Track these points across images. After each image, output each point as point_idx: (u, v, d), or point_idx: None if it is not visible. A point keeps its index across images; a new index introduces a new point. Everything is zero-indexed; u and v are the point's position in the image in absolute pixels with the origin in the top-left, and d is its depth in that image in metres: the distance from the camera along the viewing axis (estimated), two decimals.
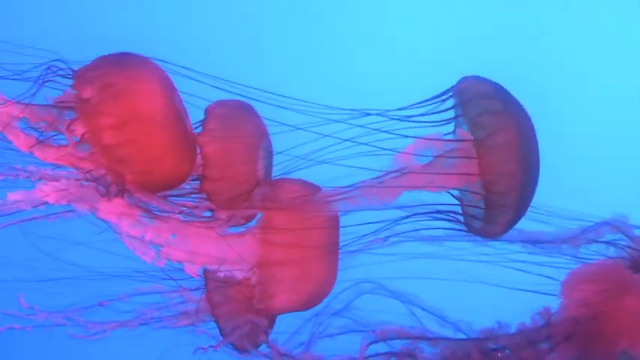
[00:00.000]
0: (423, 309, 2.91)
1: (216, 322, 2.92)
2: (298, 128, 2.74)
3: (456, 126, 2.78)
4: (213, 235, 2.78)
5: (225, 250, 2.79)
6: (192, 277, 2.80)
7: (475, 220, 2.76)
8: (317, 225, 2.79)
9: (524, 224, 2.82)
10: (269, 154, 2.90)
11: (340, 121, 2.74)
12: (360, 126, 2.72)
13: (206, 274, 2.87)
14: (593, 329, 2.78)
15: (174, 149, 2.68)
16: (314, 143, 2.73)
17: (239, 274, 2.81)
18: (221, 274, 2.81)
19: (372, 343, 2.85)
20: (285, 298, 2.83)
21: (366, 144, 2.72)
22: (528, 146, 2.69)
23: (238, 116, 2.86)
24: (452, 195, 2.82)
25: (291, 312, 2.89)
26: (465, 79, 2.76)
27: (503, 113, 2.64)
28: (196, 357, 2.87)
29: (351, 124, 2.74)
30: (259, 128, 2.88)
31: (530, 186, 2.71)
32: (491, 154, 2.63)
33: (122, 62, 2.70)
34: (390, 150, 2.73)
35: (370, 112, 2.75)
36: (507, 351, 2.82)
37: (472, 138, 2.66)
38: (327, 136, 2.72)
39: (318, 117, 2.73)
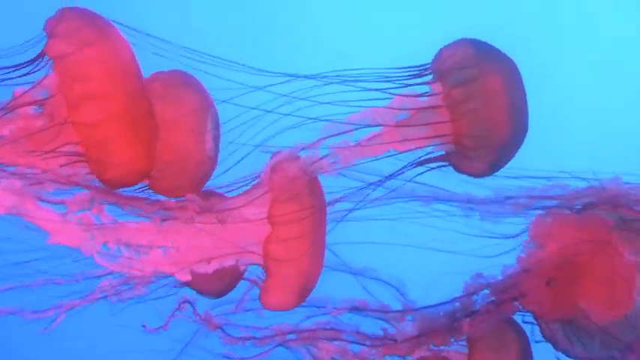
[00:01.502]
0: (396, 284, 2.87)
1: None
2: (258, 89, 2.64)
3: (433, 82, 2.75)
4: (197, 230, 2.65)
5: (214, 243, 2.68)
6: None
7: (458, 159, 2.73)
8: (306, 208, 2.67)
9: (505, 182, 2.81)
10: (216, 125, 2.74)
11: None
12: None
13: None
14: (563, 278, 2.77)
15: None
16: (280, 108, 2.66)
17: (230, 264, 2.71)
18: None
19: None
20: (282, 296, 2.74)
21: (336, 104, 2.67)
22: (515, 96, 2.69)
23: (180, 86, 2.69)
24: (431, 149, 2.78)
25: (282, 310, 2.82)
26: (443, 49, 2.74)
27: (479, 76, 2.64)
28: None
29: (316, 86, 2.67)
30: (204, 98, 2.71)
31: (516, 133, 2.71)
32: (467, 104, 2.63)
33: (95, 21, 2.48)
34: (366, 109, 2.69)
35: (343, 74, 2.69)
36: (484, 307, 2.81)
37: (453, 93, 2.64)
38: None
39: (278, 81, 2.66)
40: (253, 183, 2.75)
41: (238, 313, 3.02)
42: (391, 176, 2.76)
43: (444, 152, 2.75)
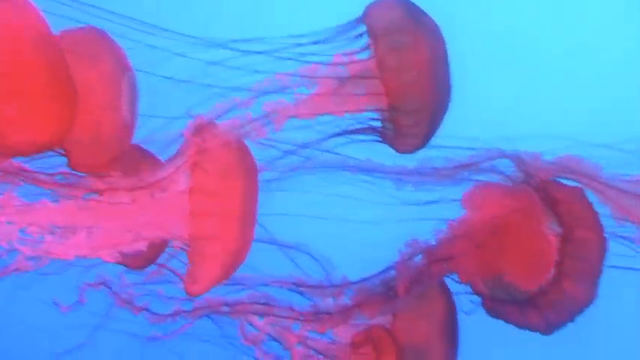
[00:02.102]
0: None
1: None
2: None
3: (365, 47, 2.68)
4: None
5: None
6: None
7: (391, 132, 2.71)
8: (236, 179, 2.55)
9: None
10: (133, 91, 2.55)
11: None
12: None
13: None
14: (490, 245, 2.79)
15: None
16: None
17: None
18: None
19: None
20: (207, 280, 2.59)
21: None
22: (439, 65, 2.65)
23: (93, 45, 2.48)
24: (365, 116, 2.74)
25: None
26: (370, 7, 2.67)
27: (412, 44, 2.59)
28: None
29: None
30: (119, 60, 2.52)
31: (441, 101, 2.69)
32: (401, 75, 2.58)
33: None
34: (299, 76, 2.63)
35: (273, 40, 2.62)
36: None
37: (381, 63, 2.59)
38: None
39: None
40: (176, 152, 2.59)
41: (161, 284, 2.94)
42: (318, 145, 2.69)
43: (376, 122, 2.72)
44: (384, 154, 2.81)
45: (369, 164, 2.85)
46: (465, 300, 2.94)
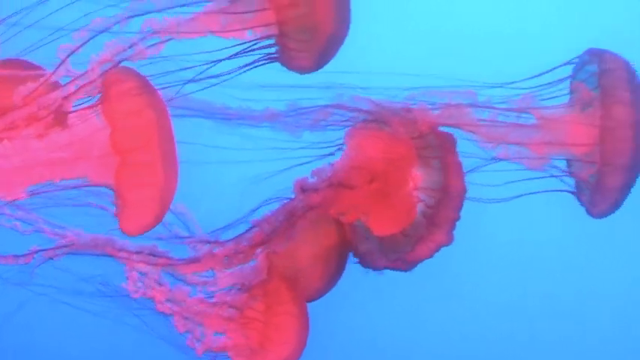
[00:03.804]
0: None
1: None
2: None
3: None
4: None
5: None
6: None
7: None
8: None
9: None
10: None
11: None
12: None
13: None
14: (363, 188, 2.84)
15: None
16: None
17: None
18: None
19: None
20: (141, 219, 2.63)
21: None
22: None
23: None
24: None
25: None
26: None
27: None
28: None
29: None
30: None
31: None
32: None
33: None
34: None
35: None
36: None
37: None
38: None
39: None
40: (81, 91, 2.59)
41: None
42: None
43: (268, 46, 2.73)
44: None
45: (244, 111, 2.86)
46: None
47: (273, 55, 2.74)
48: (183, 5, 2.59)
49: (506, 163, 2.87)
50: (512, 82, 2.83)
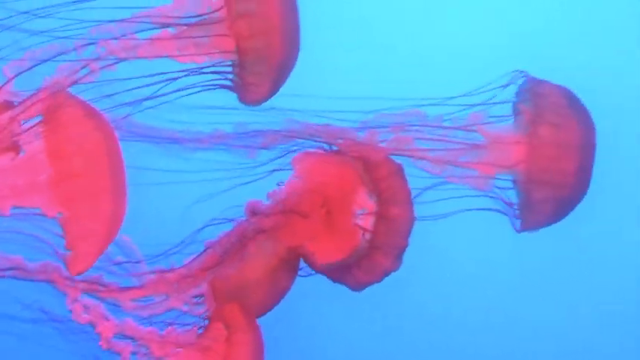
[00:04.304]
0: None
1: None
2: None
3: None
4: None
5: None
6: None
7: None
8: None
9: None
10: None
11: None
12: None
13: None
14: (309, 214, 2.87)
15: None
16: None
17: None
18: None
19: None
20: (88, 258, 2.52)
21: None
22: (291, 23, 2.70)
23: None
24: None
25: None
26: None
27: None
28: None
29: None
30: None
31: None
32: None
33: None
34: None
35: None
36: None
37: None
38: None
39: None
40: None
41: None
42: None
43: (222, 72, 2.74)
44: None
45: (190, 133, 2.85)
46: None
47: (226, 83, 2.75)
48: (139, 28, 2.58)
49: (450, 184, 2.93)
50: (459, 103, 2.91)
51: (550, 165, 2.82)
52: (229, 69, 2.71)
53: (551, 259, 5.46)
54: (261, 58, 2.66)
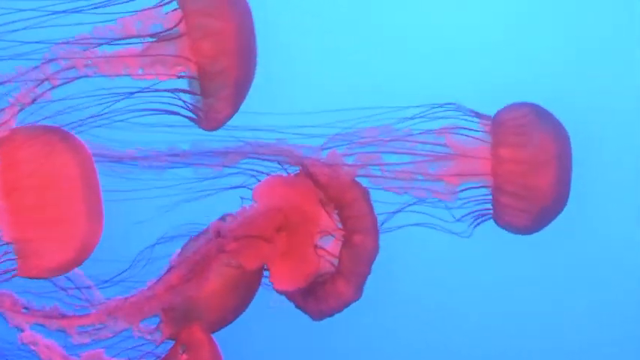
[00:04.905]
0: None
1: None
2: None
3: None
4: None
5: None
6: None
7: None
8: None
9: None
10: None
11: None
12: None
13: None
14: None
15: None
16: None
17: None
18: None
19: None
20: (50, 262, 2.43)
21: None
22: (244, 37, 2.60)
23: None
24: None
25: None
26: None
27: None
28: None
29: None
30: None
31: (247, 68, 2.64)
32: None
33: None
34: None
35: None
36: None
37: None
38: None
39: None
40: None
41: None
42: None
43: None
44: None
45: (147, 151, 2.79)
46: None
47: (186, 104, 2.67)
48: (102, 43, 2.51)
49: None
50: (429, 115, 2.89)
51: (517, 180, 2.82)
52: (187, 93, 2.64)
53: (548, 262, 5.40)
54: (224, 82, 2.57)
